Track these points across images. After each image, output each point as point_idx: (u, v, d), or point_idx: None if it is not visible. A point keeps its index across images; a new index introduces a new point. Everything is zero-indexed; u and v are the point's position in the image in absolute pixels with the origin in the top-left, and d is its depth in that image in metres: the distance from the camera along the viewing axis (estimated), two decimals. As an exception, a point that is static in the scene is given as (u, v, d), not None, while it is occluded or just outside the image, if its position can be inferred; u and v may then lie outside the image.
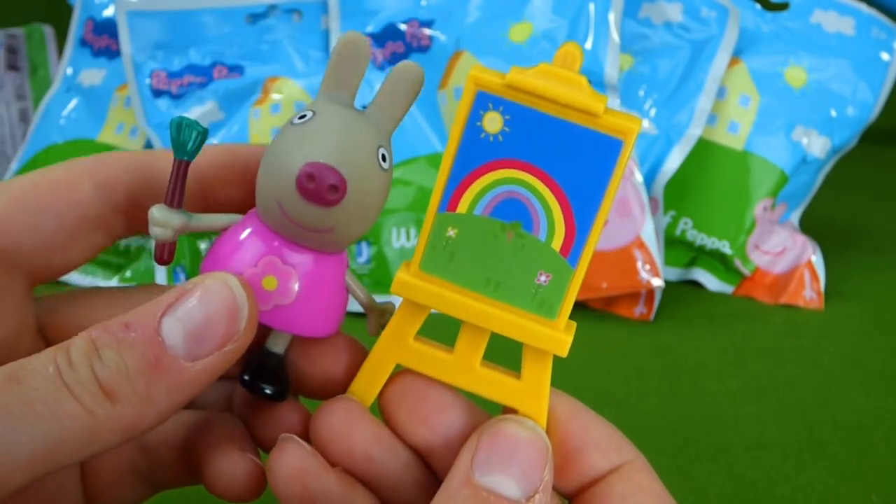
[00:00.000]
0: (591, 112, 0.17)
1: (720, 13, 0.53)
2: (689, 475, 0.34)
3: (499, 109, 0.18)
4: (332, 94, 0.19)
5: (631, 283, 0.47)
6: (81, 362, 0.16)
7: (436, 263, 0.19)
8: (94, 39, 0.58)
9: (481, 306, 0.19)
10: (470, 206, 0.18)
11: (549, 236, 0.18)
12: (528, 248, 0.18)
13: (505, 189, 0.18)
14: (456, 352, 0.20)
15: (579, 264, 0.18)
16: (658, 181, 0.51)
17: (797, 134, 0.53)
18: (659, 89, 0.53)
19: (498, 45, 0.51)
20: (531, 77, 0.17)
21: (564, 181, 0.18)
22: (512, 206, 0.18)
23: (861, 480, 0.34)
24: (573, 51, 0.17)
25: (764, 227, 0.53)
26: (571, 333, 0.19)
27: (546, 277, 0.18)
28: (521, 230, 0.18)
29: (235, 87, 0.53)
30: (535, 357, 0.19)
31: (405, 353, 0.20)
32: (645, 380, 0.42)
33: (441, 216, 0.18)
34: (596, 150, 0.17)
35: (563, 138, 0.17)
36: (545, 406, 0.19)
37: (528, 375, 0.19)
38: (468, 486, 0.17)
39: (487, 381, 0.19)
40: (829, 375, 0.42)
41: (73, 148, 0.56)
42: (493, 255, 0.18)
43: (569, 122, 0.17)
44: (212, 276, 0.18)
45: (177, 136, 0.19)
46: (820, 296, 0.50)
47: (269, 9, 0.55)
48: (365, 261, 0.50)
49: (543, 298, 0.19)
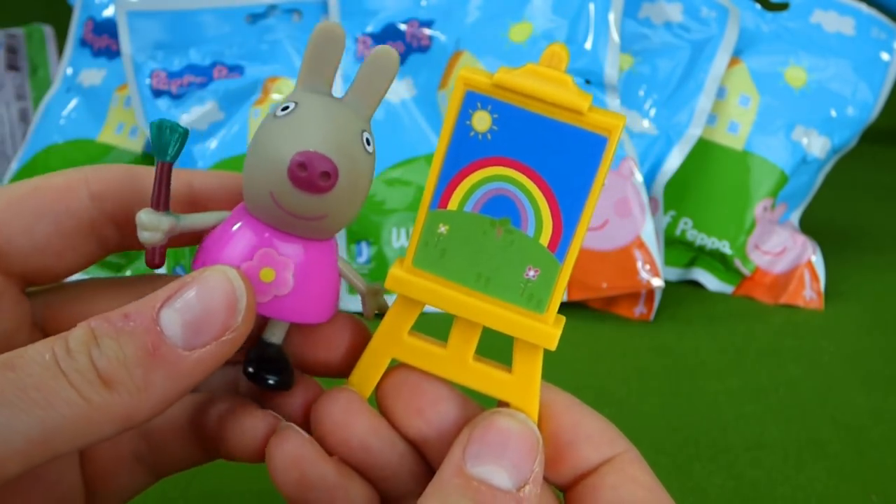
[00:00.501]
0: (577, 110, 0.17)
1: (720, 13, 0.53)
2: (689, 475, 0.34)
3: (487, 108, 0.18)
4: (310, 84, 0.20)
5: (631, 283, 0.47)
6: (79, 350, 0.16)
7: (428, 259, 0.19)
8: (94, 39, 0.58)
9: (472, 301, 0.19)
10: (460, 203, 0.19)
11: (536, 232, 0.19)
12: (517, 244, 0.19)
13: (494, 186, 0.18)
14: (449, 346, 0.20)
15: (567, 259, 0.19)
16: (658, 181, 0.51)
17: (797, 134, 0.53)
18: (659, 89, 0.53)
19: (498, 46, 0.51)
20: (518, 77, 0.18)
21: (551, 178, 0.18)
22: (501, 203, 0.18)
23: (861, 480, 0.34)
24: (559, 51, 0.18)
25: (764, 227, 0.53)
26: (560, 327, 0.19)
27: (534, 272, 0.19)
28: (510, 226, 0.19)
29: (235, 87, 0.53)
30: (526, 351, 0.20)
31: (400, 348, 0.20)
32: (645, 380, 0.42)
33: (432, 213, 0.19)
34: (581, 146, 0.18)
35: (550, 136, 0.18)
36: (536, 399, 0.20)
37: (518, 369, 0.20)
38: (460, 477, 0.18)
39: (480, 374, 0.20)
40: (828, 375, 0.42)
41: (73, 148, 0.56)
42: (483, 251, 0.19)
43: (555, 120, 0.18)
44: (211, 269, 0.18)
45: (157, 139, 0.19)
46: (820, 296, 0.50)
47: (268, 9, 0.55)
48: (365, 261, 0.50)
49: (532, 293, 0.19)
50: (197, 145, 0.53)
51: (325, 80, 0.20)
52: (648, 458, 0.35)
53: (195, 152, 0.53)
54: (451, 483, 0.18)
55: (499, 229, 0.19)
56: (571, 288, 0.48)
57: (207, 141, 0.53)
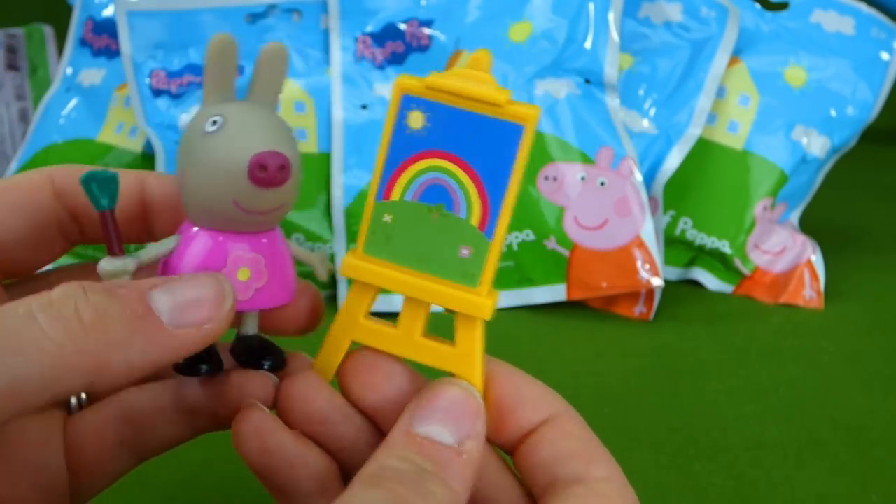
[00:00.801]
0: (496, 103, 0.20)
1: (720, 13, 0.53)
2: (688, 474, 0.34)
3: (421, 108, 0.20)
4: (219, 96, 0.21)
5: (631, 283, 0.47)
6: (64, 302, 0.17)
7: (376, 246, 0.21)
8: (93, 39, 0.58)
9: (415, 281, 0.21)
10: (402, 193, 0.21)
11: (468, 214, 0.21)
12: (451, 226, 0.21)
13: (430, 176, 0.21)
14: (399, 326, 0.22)
15: (495, 237, 0.21)
16: (658, 181, 0.51)
17: (797, 133, 0.53)
18: (659, 89, 0.53)
19: (498, 45, 0.51)
20: (446, 78, 0.20)
21: (478, 165, 0.20)
22: (436, 191, 0.21)
23: (861, 480, 0.34)
24: (482, 56, 0.20)
25: (764, 227, 0.53)
26: (494, 299, 0.21)
27: (468, 251, 0.21)
28: (444, 210, 0.21)
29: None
30: (465, 324, 0.21)
31: (358, 331, 0.22)
32: (645, 379, 0.42)
33: (378, 204, 0.21)
34: (502, 135, 0.20)
35: (475, 128, 0.20)
36: (478, 368, 0.21)
37: (460, 342, 0.21)
38: (407, 436, 0.20)
39: (427, 350, 0.22)
40: (828, 375, 0.42)
41: (72, 147, 0.56)
42: (423, 235, 0.21)
43: (478, 114, 0.20)
44: (204, 273, 0.20)
45: (90, 193, 0.20)
46: (819, 295, 0.50)
47: (268, 8, 0.55)
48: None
49: (466, 269, 0.21)
50: (197, 145, 0.53)
51: (230, 90, 0.21)
52: (648, 457, 0.35)
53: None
54: (398, 441, 0.19)
55: (435, 214, 0.21)
56: (571, 287, 0.48)
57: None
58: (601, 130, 0.49)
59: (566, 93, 0.50)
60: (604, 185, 0.48)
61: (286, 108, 0.53)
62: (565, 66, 0.50)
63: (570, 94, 0.50)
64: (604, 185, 0.48)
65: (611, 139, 0.49)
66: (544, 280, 0.48)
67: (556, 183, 0.48)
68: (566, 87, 0.50)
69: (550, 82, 0.50)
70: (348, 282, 0.24)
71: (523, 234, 0.49)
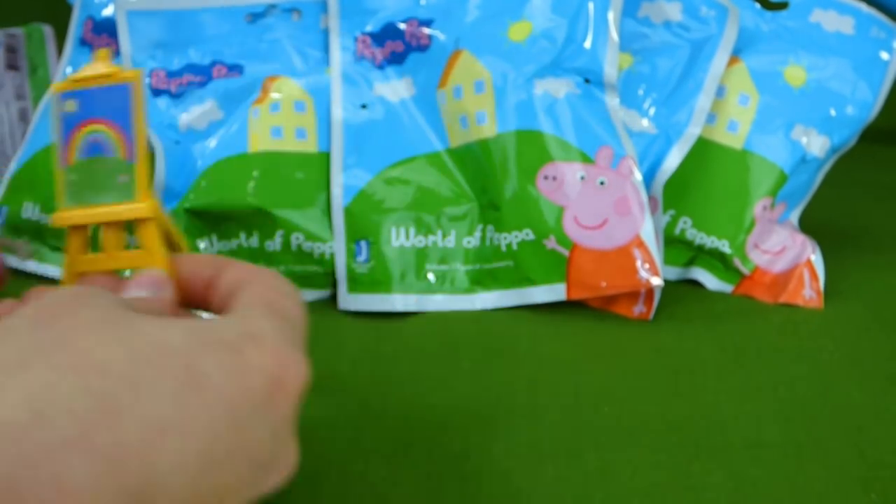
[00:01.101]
0: (108, 75, 0.29)
1: (719, 12, 0.53)
2: (688, 474, 0.34)
3: (71, 97, 0.30)
4: None
5: (630, 282, 0.47)
6: None
7: (71, 199, 0.30)
8: (93, 39, 0.58)
9: (96, 211, 0.29)
10: (76, 156, 0.30)
11: (115, 153, 0.29)
12: (108, 165, 0.29)
13: (88, 138, 0.29)
14: (105, 249, 0.30)
15: (138, 160, 0.29)
16: (657, 180, 0.51)
17: (797, 133, 0.53)
18: (658, 88, 0.53)
19: (497, 44, 0.51)
20: (79, 73, 0.29)
21: (113, 118, 0.29)
22: (94, 146, 0.29)
23: (861, 480, 0.34)
24: (102, 53, 0.30)
25: (763, 227, 0.53)
26: (150, 203, 0.29)
27: (124, 177, 0.29)
28: (101, 156, 0.29)
29: (235, 87, 0.53)
30: (141, 229, 0.29)
31: (79, 264, 0.30)
32: (644, 378, 0.42)
33: (62, 170, 0.30)
34: (120, 94, 0.29)
35: (104, 96, 0.29)
36: (161, 257, 0.29)
37: (143, 243, 0.29)
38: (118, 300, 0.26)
39: (126, 258, 0.30)
40: (828, 374, 0.42)
41: (72, 147, 0.56)
42: (95, 179, 0.29)
43: (102, 87, 0.29)
44: None
45: None
46: (819, 295, 0.50)
47: (268, 8, 0.55)
48: (364, 259, 0.50)
49: (125, 189, 0.29)
50: (196, 144, 0.53)
51: None
52: (648, 457, 0.35)
53: (195, 151, 0.53)
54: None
55: (98, 161, 0.29)
56: (571, 287, 0.48)
57: (207, 140, 0.53)
58: (601, 130, 0.49)
59: (566, 92, 0.50)
60: (603, 184, 0.48)
61: (286, 107, 0.53)
62: (565, 65, 0.50)
63: (570, 93, 0.50)
64: (603, 185, 0.48)
65: (610, 139, 0.49)
66: (544, 280, 0.48)
67: (556, 182, 0.48)
68: (566, 87, 0.50)
69: (550, 82, 0.50)
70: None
71: (523, 234, 0.49)
